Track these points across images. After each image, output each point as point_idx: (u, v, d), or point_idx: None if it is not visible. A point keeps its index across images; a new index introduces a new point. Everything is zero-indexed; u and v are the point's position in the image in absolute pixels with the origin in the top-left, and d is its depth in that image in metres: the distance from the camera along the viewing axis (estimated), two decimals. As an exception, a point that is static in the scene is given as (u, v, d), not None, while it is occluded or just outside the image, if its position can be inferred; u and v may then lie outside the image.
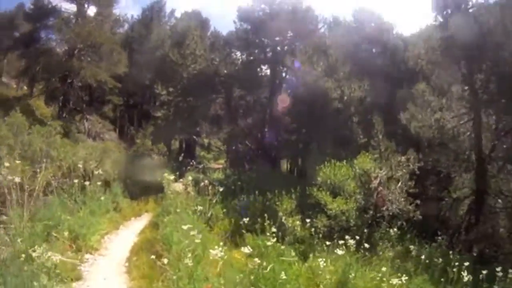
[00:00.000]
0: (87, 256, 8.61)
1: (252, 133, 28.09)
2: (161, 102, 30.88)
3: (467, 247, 13.86)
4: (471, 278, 7.63)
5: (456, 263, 8.09)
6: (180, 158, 26.43)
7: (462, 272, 7.74)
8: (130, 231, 11.82)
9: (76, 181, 10.84)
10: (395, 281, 5.68)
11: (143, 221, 13.43)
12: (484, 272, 7.80)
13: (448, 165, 15.85)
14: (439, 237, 13.61)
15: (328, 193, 13.10)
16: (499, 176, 15.32)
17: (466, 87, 15.40)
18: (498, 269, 7.85)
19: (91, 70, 24.40)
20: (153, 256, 7.13)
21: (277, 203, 13.57)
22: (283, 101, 24.70)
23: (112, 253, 9.42)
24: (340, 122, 22.48)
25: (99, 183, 11.86)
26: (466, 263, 8.05)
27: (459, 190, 16.47)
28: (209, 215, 12.29)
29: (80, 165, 12.52)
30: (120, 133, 31.16)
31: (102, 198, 11.68)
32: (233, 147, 29.26)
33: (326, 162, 14.33)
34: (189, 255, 6.48)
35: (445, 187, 16.83)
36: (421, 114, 15.82)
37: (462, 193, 16.24)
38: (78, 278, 7.32)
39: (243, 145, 28.30)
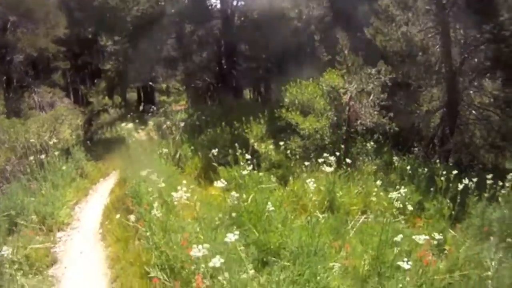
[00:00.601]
0: (59, 234, 8.07)
1: (209, 67, 26.89)
2: (109, 53, 29.07)
3: (443, 157, 13.70)
4: (464, 184, 7.21)
5: (443, 172, 7.68)
6: (141, 108, 25.41)
7: (450, 181, 7.46)
8: (100, 194, 11.18)
9: (31, 158, 10.07)
10: (393, 194, 5.00)
11: (112, 180, 12.72)
12: (475, 180, 7.33)
13: (418, 78, 15.35)
14: (415, 149, 13.37)
15: (298, 112, 12.49)
16: (470, 88, 15.00)
17: (433, 1, 14.74)
18: (489, 176, 7.30)
19: (28, 40, 22.24)
20: (118, 216, 6.65)
21: (246, 130, 12.92)
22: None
23: (85, 223, 8.87)
24: (301, 42, 21.46)
25: (56, 153, 11.11)
26: (454, 171, 7.72)
27: (429, 103, 16.13)
28: (177, 156, 11.68)
29: (32, 140, 11.61)
30: (75, 98, 29.54)
31: (64, 167, 11.00)
32: (192, 85, 28.02)
33: (291, 83, 13.67)
34: (155, 204, 5.89)
35: (415, 101, 16.40)
36: (386, 28, 15.14)
37: (433, 106, 15.90)
38: (54, 261, 6.86)
39: (202, 81, 27.16)
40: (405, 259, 3.79)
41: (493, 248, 5.03)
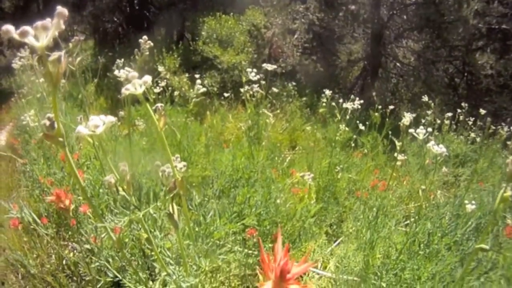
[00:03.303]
0: None
1: (119, 7, 24.89)
2: None
3: (365, 105, 13.40)
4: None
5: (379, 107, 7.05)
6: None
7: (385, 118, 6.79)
8: None
9: None
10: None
11: (6, 131, 10.85)
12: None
13: (344, 25, 14.79)
14: (336, 95, 12.96)
15: (216, 45, 11.47)
16: (396, 44, 14.74)
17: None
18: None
19: None
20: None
21: (157, 63, 11.71)
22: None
23: None
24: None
25: None
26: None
27: (350, 55, 15.71)
28: (79, 96, 10.37)
29: None
30: None
31: None
32: (100, 28, 25.92)
33: (210, 16, 12.57)
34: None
35: (335, 53, 15.90)
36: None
37: (354, 57, 15.52)
38: None
39: (111, 23, 25.15)
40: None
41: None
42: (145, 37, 2.63)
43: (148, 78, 1.49)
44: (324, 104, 6.34)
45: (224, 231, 2.16)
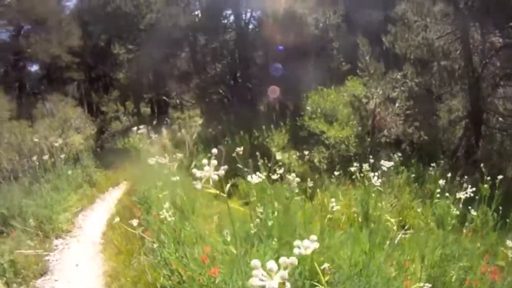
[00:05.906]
0: (57, 241, 7.54)
1: (223, 80, 26.36)
2: (121, 62, 28.47)
3: (470, 169, 12.97)
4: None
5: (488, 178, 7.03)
6: (154, 122, 24.98)
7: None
8: (108, 203, 10.48)
9: (34, 158, 9.77)
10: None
11: (121, 189, 12.08)
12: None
13: (441, 85, 14.69)
14: (441, 162, 12.75)
15: (322, 120, 11.93)
16: (494, 95, 14.19)
17: (450, 6, 14.14)
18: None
19: (41, 45, 21.83)
20: (122, 224, 5.71)
21: (267, 140, 12.31)
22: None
23: (87, 231, 8.21)
24: (319, 50, 20.82)
25: (62, 156, 10.86)
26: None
27: (450, 114, 15.47)
28: (192, 166, 11.20)
29: (36, 139, 11.44)
30: (89, 110, 29.04)
31: (70, 172, 10.71)
32: (206, 100, 27.48)
33: (312, 91, 13.13)
34: (166, 205, 4.98)
35: (435, 113, 15.74)
36: (406, 34, 14.52)
37: (455, 116, 15.25)
38: (44, 271, 6.24)
39: (216, 95, 26.63)
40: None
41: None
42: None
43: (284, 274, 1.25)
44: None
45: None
